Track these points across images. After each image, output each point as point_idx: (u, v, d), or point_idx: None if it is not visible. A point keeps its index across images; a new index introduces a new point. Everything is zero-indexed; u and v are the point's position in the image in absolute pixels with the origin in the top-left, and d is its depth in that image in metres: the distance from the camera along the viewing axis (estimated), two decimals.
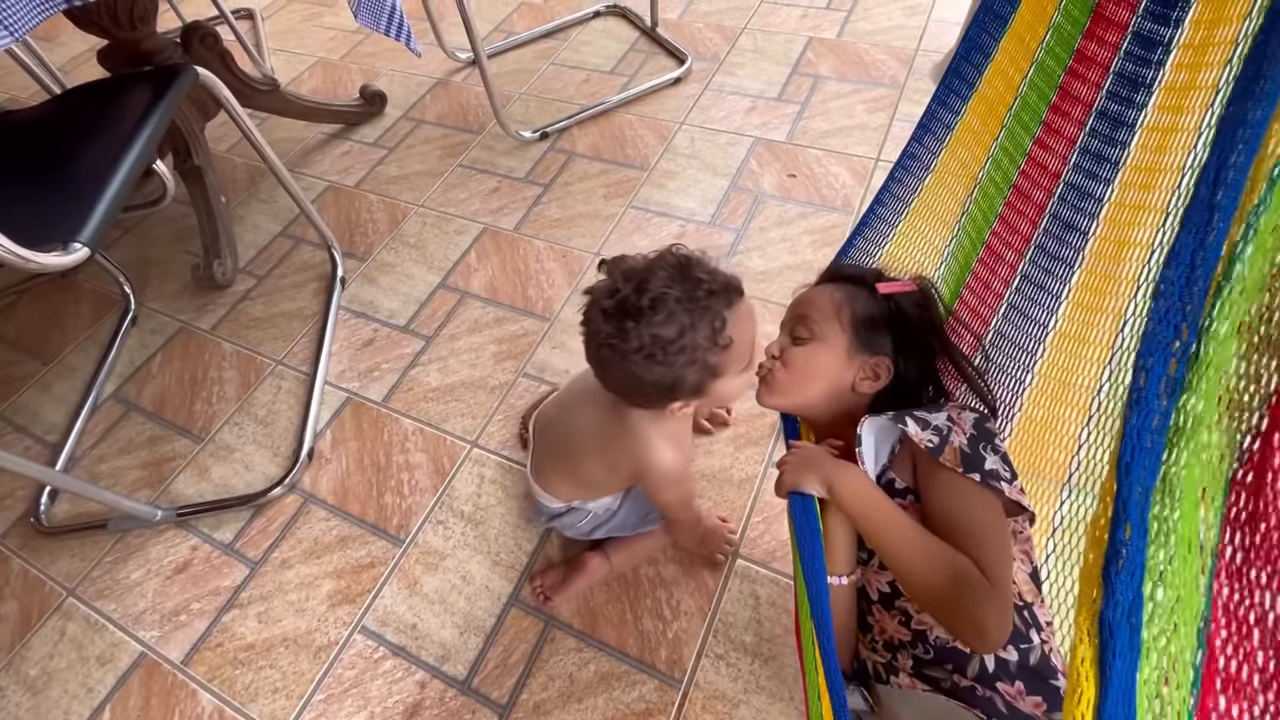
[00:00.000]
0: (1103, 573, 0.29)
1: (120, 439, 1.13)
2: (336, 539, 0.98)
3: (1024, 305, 0.63)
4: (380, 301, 1.27)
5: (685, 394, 0.64)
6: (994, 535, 0.53)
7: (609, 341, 0.60)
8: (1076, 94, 0.57)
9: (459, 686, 0.84)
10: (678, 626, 0.85)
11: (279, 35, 2.03)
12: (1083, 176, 0.57)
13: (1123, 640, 0.27)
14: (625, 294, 0.59)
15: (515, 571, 0.92)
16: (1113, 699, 0.26)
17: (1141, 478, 0.30)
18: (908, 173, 0.73)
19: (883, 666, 0.58)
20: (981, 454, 0.55)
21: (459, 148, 1.56)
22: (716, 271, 0.63)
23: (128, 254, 1.42)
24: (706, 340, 0.61)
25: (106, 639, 0.92)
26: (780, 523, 0.93)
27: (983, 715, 0.51)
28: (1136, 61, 0.53)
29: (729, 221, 1.31)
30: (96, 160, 0.79)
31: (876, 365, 0.64)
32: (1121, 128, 0.54)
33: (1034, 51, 0.60)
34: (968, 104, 0.67)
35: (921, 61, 1.58)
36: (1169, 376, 0.32)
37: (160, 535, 1.01)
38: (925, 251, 0.75)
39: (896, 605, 0.58)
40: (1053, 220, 0.59)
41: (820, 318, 0.65)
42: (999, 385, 0.66)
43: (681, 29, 1.79)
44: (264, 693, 0.86)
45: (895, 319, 0.66)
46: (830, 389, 0.64)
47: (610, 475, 0.79)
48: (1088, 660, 0.27)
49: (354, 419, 1.11)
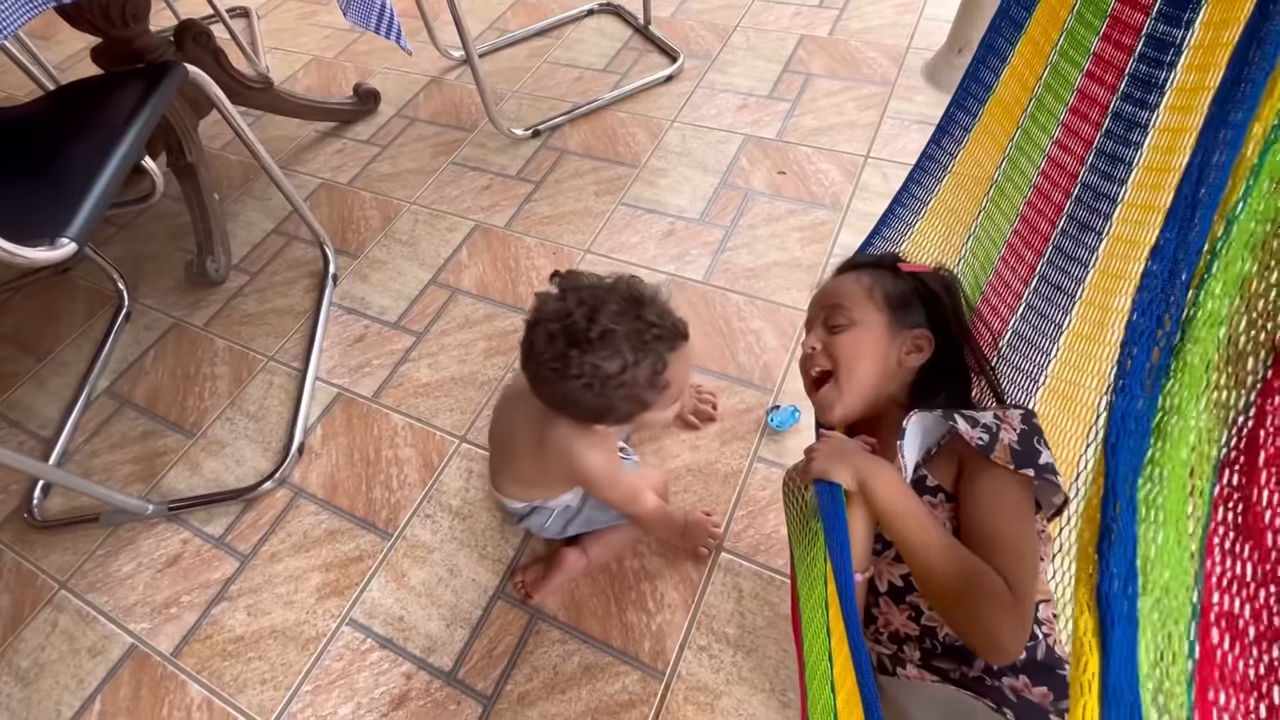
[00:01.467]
0: (1096, 549, 0.29)
1: (113, 434, 1.14)
2: (326, 533, 0.99)
3: (1041, 305, 0.63)
4: (372, 298, 1.28)
5: (612, 420, 0.66)
6: (1028, 548, 0.52)
7: (550, 364, 0.61)
8: (1093, 96, 0.57)
9: (445, 678, 0.85)
10: (661, 619, 0.86)
11: (274, 33, 2.04)
12: (1099, 178, 0.57)
13: (1119, 610, 0.28)
14: (575, 320, 0.60)
15: (502, 565, 0.93)
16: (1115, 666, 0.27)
17: (1128, 458, 0.31)
18: (926, 173, 0.73)
19: (888, 658, 0.58)
20: (1036, 448, 0.54)
21: (451, 145, 1.57)
22: (666, 313, 0.64)
23: (122, 251, 1.43)
24: (646, 380, 0.62)
25: (98, 631, 0.93)
26: (764, 516, 0.93)
27: (993, 705, 0.51)
28: (1150, 63, 0.53)
29: (718, 218, 1.32)
30: (85, 157, 0.80)
31: (918, 338, 0.64)
32: (1135, 129, 0.54)
33: (1049, 55, 0.61)
34: (984, 107, 0.67)
35: (913, 59, 1.58)
36: (1153, 364, 0.33)
37: (151, 529, 1.02)
38: (944, 250, 0.75)
39: (907, 600, 0.58)
40: (1070, 221, 0.59)
41: (853, 303, 0.65)
42: (1013, 385, 0.66)
43: (674, 27, 1.80)
44: (252, 684, 0.87)
45: (927, 299, 0.66)
46: (881, 369, 0.63)
47: (545, 477, 0.80)
48: (1089, 630, 0.28)
49: (344, 414, 1.12)
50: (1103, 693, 0.26)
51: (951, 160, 0.71)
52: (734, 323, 1.15)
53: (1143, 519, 0.31)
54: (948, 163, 0.71)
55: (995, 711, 0.50)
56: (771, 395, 1.05)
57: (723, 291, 1.19)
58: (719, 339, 1.13)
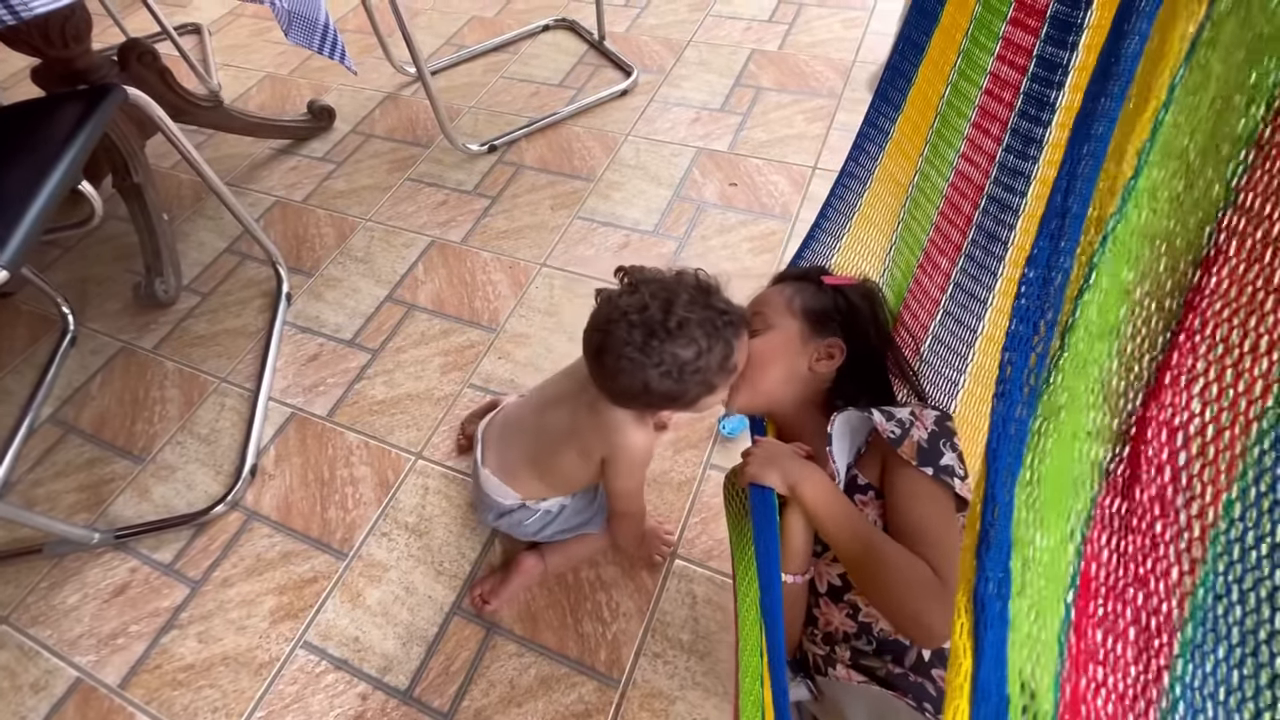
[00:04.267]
0: (975, 552, 0.31)
1: (58, 462, 1.12)
2: (279, 555, 0.98)
3: (957, 312, 0.66)
4: (326, 316, 1.28)
5: (681, 405, 0.68)
6: (946, 536, 0.55)
7: (631, 354, 0.62)
8: (994, 112, 0.60)
9: (401, 696, 0.84)
10: (617, 628, 0.87)
11: (227, 50, 2.01)
12: (1002, 190, 0.60)
13: (993, 613, 0.29)
14: (652, 311, 0.62)
15: (458, 580, 0.93)
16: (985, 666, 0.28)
17: (1007, 463, 0.33)
18: (847, 189, 0.77)
19: (821, 659, 0.60)
20: (940, 449, 0.58)
21: (408, 161, 1.57)
22: (731, 303, 0.67)
23: (67, 274, 1.40)
24: (718, 365, 0.64)
25: (41, 666, 0.91)
26: (717, 523, 0.95)
27: (913, 701, 0.53)
28: (1042, 83, 0.56)
29: (672, 230, 1.34)
30: (18, 182, 0.79)
31: (830, 346, 0.68)
32: (1032, 144, 0.57)
33: (948, 74, 0.64)
34: (896, 123, 0.71)
35: (858, 72, 1.64)
36: (1030, 369, 0.35)
37: (98, 558, 1.00)
38: (869, 260, 0.79)
39: (845, 599, 0.60)
40: (979, 231, 0.63)
41: (772, 310, 0.69)
42: (935, 388, 0.70)
43: (629, 42, 1.83)
44: (203, 712, 0.85)
45: (845, 311, 0.69)
46: (788, 372, 0.67)
47: (584, 464, 0.81)
48: (965, 632, 0.29)
49: (298, 434, 1.11)
50: (972, 693, 0.28)
51: (870, 175, 0.75)
52: None
53: (1021, 520, 0.32)
54: (867, 177, 0.75)
55: (915, 710, 0.52)
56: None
57: None
58: None
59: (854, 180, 0.77)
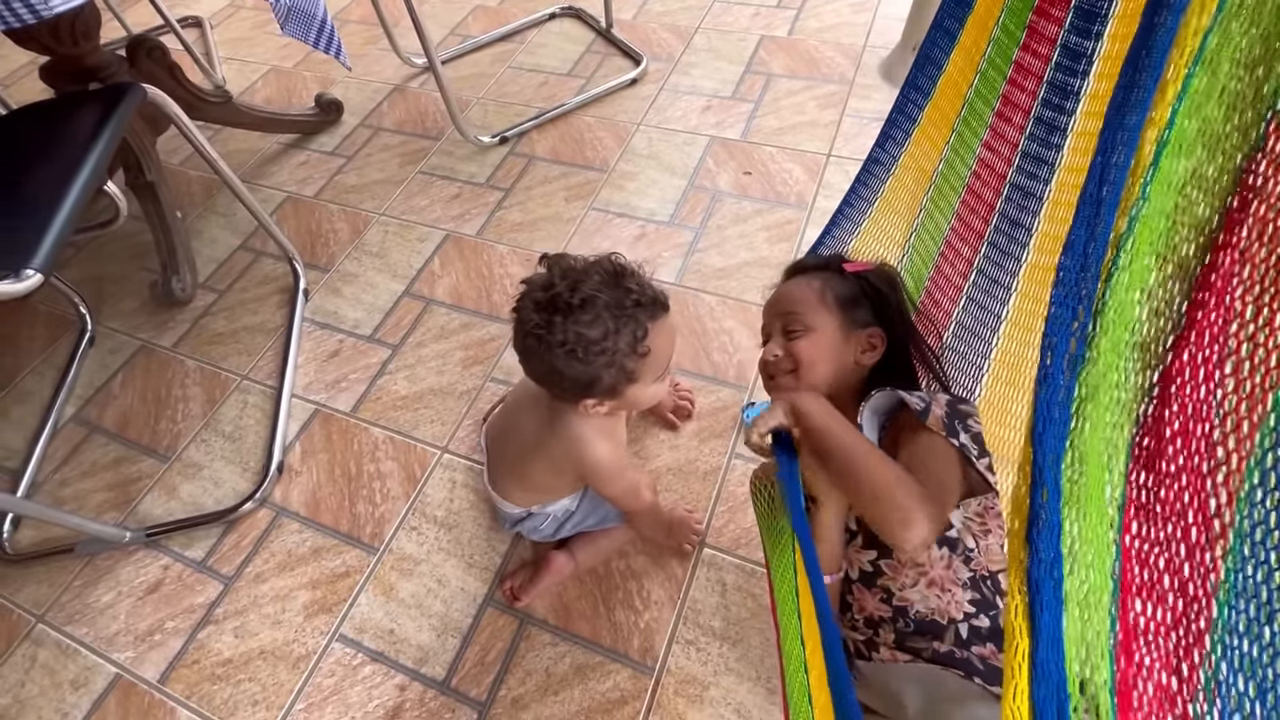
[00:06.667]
0: (1026, 534, 0.32)
1: (84, 461, 1.12)
2: (310, 550, 0.99)
3: (980, 298, 0.67)
4: (345, 312, 1.28)
5: (599, 393, 0.68)
6: (946, 475, 0.56)
7: (535, 331, 0.63)
8: (1017, 101, 0.61)
9: (438, 687, 0.86)
10: (649, 616, 0.89)
11: (229, 43, 1.99)
12: (1025, 178, 0.61)
13: (1048, 593, 0.30)
14: (559, 290, 0.62)
15: (489, 572, 0.94)
16: (1043, 646, 0.29)
17: (1053, 446, 0.34)
18: (872, 175, 0.77)
19: (863, 644, 0.61)
20: (956, 429, 0.59)
21: (418, 154, 1.56)
22: (647, 285, 0.67)
23: (82, 273, 1.39)
24: (627, 346, 0.64)
25: (80, 663, 0.92)
26: (744, 511, 0.96)
27: (964, 674, 0.54)
28: (1065, 71, 0.57)
29: (688, 220, 1.34)
30: (46, 184, 0.78)
31: (871, 336, 0.68)
32: (1055, 132, 0.58)
33: (978, 63, 0.64)
34: (924, 111, 0.72)
35: (869, 57, 1.63)
36: (1071, 354, 0.36)
37: (130, 556, 1.01)
38: (888, 247, 0.80)
39: (878, 584, 0.61)
40: (1001, 218, 0.64)
41: (806, 309, 0.69)
42: (960, 372, 0.70)
43: (636, 29, 1.81)
44: (244, 705, 0.87)
45: (871, 295, 0.70)
46: (837, 370, 0.67)
47: (557, 478, 0.82)
48: (1020, 613, 0.30)
49: (323, 430, 1.12)
50: (1031, 672, 0.29)
51: (894, 162, 0.75)
52: (707, 323, 1.17)
53: (1067, 501, 0.33)
54: (891, 164, 0.75)
55: (965, 679, 0.53)
56: (746, 393, 1.08)
57: (695, 292, 1.22)
58: (693, 339, 1.15)
59: (879, 167, 0.77)
